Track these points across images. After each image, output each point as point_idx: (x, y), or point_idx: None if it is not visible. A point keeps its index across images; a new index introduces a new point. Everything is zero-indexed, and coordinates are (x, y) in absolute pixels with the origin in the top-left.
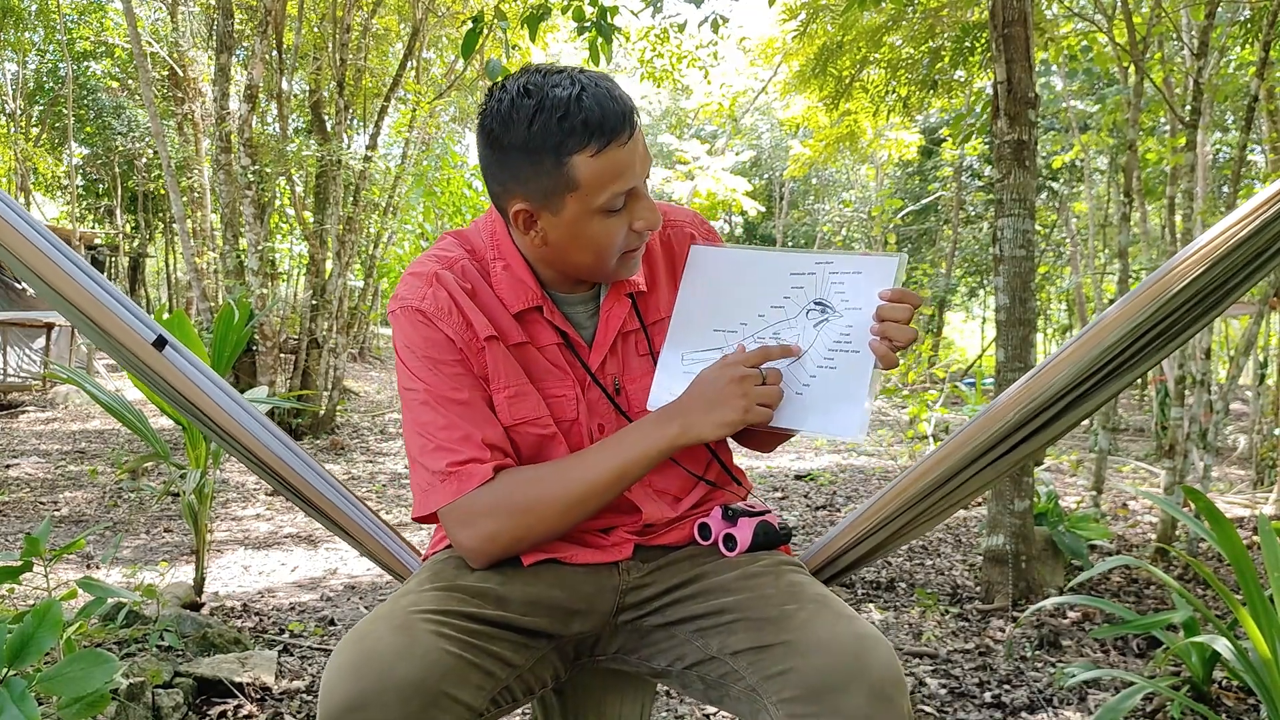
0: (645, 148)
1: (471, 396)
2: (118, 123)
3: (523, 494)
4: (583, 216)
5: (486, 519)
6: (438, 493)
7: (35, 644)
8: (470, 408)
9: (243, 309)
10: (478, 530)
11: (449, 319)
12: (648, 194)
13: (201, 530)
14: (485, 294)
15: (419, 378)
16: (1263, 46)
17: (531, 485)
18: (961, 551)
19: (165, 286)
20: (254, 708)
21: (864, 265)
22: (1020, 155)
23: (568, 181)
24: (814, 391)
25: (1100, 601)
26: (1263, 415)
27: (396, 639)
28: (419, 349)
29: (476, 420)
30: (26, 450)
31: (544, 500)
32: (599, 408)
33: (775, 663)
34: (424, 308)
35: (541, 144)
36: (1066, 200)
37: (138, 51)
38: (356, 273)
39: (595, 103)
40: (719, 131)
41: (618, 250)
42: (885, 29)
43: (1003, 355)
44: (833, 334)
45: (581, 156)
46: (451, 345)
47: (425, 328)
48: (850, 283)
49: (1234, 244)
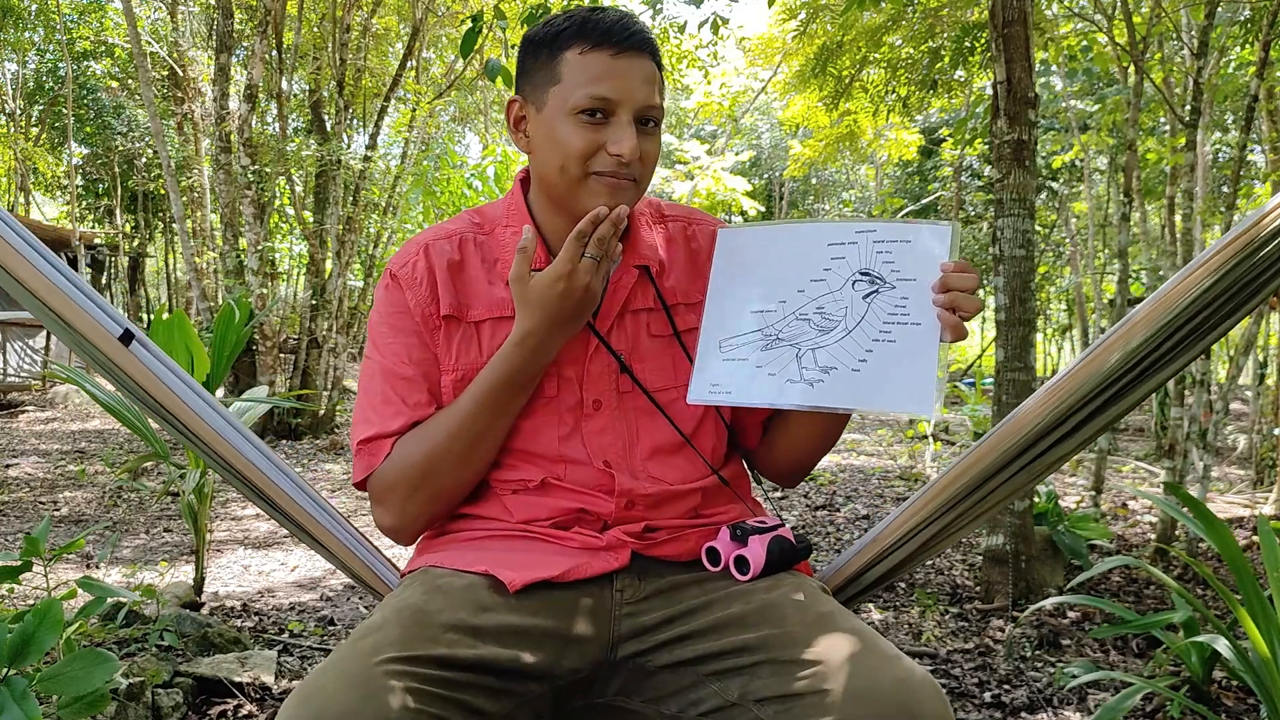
0: (650, 83)
1: (415, 373)
2: (117, 122)
3: (416, 453)
4: (558, 114)
5: (392, 492)
6: (357, 466)
7: (35, 643)
8: (411, 384)
9: (242, 309)
10: (389, 507)
11: (416, 288)
12: (632, 125)
13: (201, 530)
14: (474, 269)
15: (376, 346)
16: (1262, 46)
17: (421, 441)
18: (961, 551)
19: (165, 286)
20: (254, 707)
21: (913, 233)
22: (1020, 155)
23: (554, 74)
24: (872, 367)
25: (1100, 601)
26: (1262, 415)
27: (349, 697)
28: (383, 313)
29: (412, 396)
30: (26, 450)
31: (436, 451)
32: (599, 382)
33: (808, 714)
34: (398, 272)
35: (545, 35)
36: (1066, 200)
37: (137, 51)
38: (356, 272)
39: (607, 14)
40: (719, 131)
41: (583, 163)
42: (885, 29)
43: (1002, 355)
44: (886, 306)
45: (571, 52)
46: (409, 314)
47: (394, 291)
48: (899, 252)
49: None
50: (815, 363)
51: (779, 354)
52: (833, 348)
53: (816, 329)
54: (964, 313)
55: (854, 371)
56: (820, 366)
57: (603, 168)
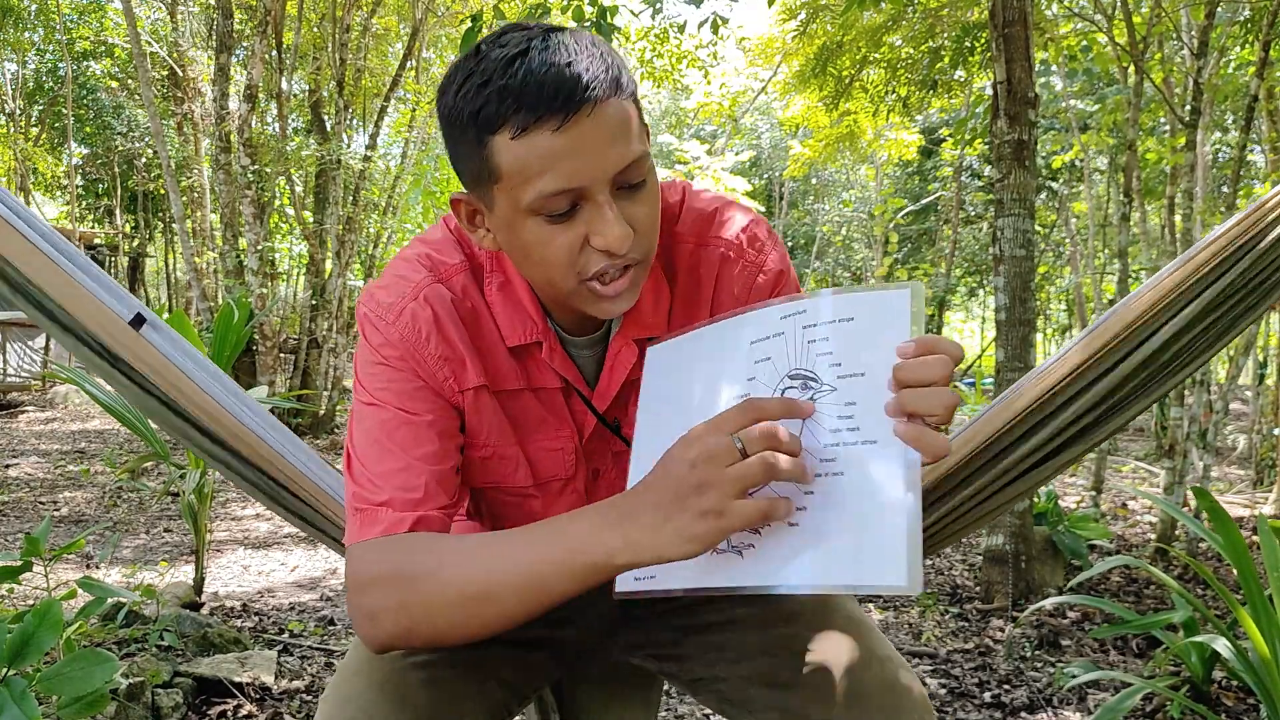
0: (621, 135)
1: (435, 420)
2: (117, 122)
3: (420, 561)
4: (514, 217)
5: (374, 587)
6: (348, 528)
7: (35, 644)
8: (425, 431)
9: (242, 309)
10: (362, 601)
11: (425, 352)
12: (611, 204)
13: (201, 530)
14: (486, 320)
15: (365, 387)
16: (1262, 46)
17: (432, 552)
18: (961, 551)
19: (165, 286)
20: (253, 708)
21: (856, 308)
22: (1020, 155)
23: (490, 168)
24: (815, 518)
25: (1100, 601)
26: (1262, 415)
27: (384, 703)
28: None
29: (427, 451)
30: (26, 450)
31: (438, 576)
32: (597, 454)
33: (792, 702)
34: (393, 334)
35: (459, 115)
36: (1066, 200)
37: (137, 51)
38: (356, 272)
39: (533, 68)
40: (719, 131)
41: (572, 271)
42: (885, 29)
43: (1002, 355)
44: (828, 421)
45: (501, 137)
46: (420, 385)
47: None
48: (840, 337)
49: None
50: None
51: None
52: (761, 495)
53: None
54: (930, 417)
55: (791, 527)
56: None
57: (596, 267)
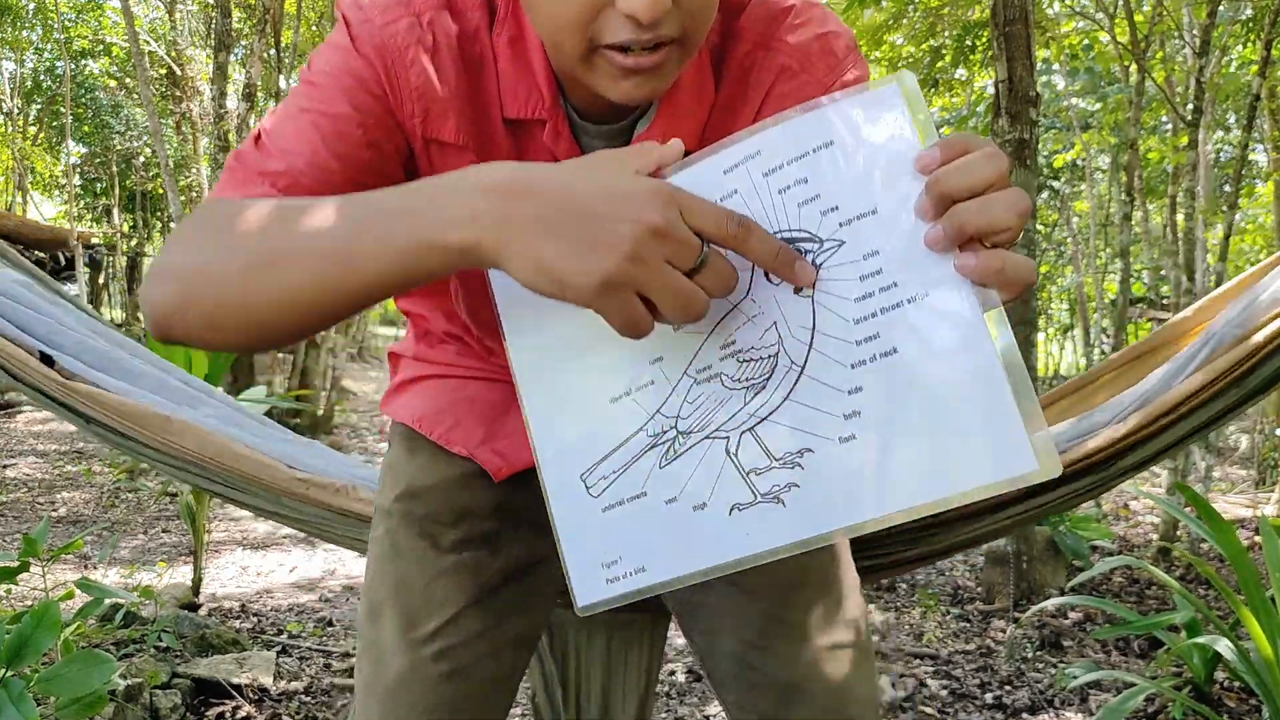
0: None
1: (367, 134)
2: (115, 121)
3: (226, 215)
4: None
5: (178, 246)
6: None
7: (33, 645)
8: (336, 121)
9: None
10: (161, 264)
11: (401, 77)
12: None
13: (199, 531)
14: (490, 78)
15: (311, 66)
16: (1264, 45)
17: (244, 209)
18: (962, 552)
19: None
20: (252, 709)
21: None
22: (1021, 154)
23: None
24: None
25: (1102, 602)
26: (1264, 415)
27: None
28: (334, 50)
29: (331, 144)
30: (24, 450)
31: (237, 234)
32: None
33: (754, 674)
34: (369, 42)
35: None
36: (1068, 199)
37: (135, 50)
38: None
39: None
40: None
41: (583, 33)
42: (886, 27)
43: None
44: (845, 286)
45: None
46: (377, 95)
47: (350, 66)
48: (820, 173)
49: None
50: (768, 455)
51: (694, 460)
52: (787, 411)
53: (743, 385)
54: (1001, 235)
55: (844, 443)
56: (782, 458)
57: (614, 38)
